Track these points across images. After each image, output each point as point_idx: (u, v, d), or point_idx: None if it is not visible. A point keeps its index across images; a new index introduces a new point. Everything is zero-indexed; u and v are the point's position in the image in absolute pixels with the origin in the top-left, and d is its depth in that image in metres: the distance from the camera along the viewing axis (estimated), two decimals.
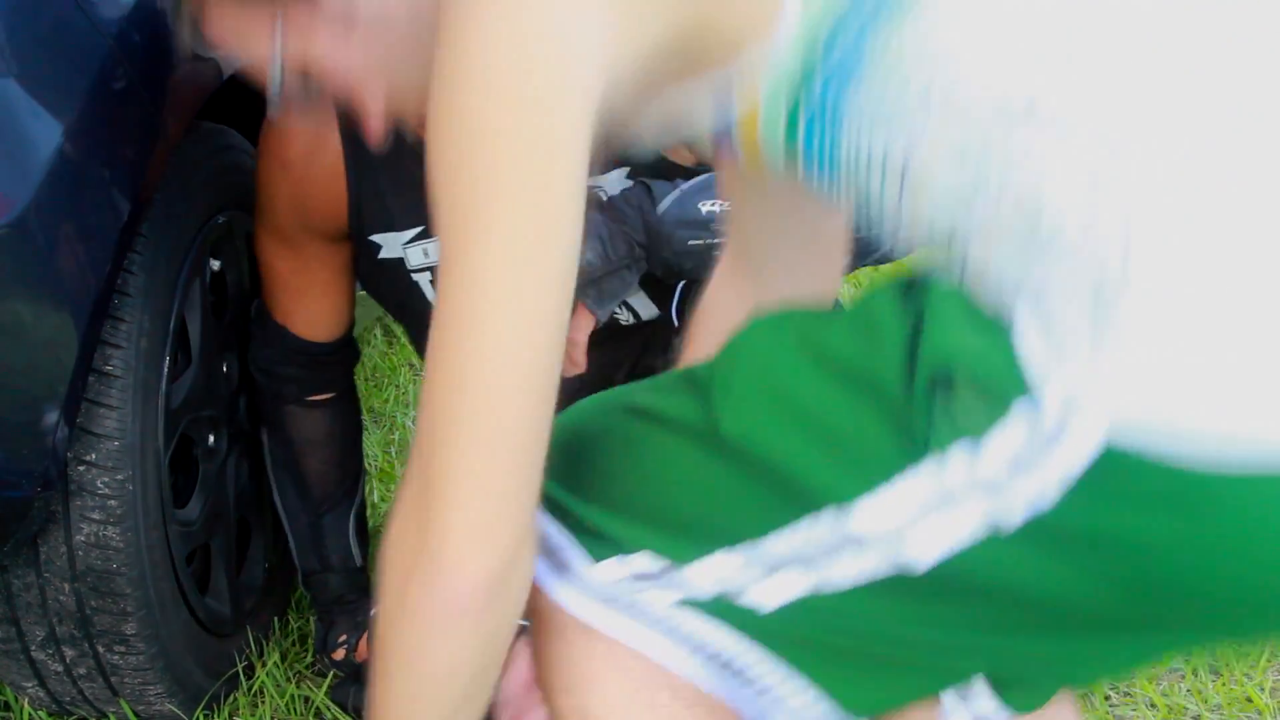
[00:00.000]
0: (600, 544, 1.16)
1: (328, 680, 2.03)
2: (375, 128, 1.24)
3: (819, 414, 1.08)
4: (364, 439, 2.25)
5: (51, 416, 1.54)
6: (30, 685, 1.83)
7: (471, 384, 1.03)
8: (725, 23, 1.07)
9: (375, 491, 2.55)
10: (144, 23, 1.65)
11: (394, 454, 2.76)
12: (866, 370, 1.07)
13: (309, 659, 2.10)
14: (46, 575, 1.69)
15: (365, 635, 2.03)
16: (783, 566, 1.13)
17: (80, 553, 1.68)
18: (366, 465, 2.41)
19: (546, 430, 1.06)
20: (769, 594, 1.14)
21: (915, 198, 1.07)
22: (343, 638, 2.05)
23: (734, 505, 1.13)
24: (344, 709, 1.94)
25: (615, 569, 1.16)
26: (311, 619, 2.16)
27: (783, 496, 1.10)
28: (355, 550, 2.10)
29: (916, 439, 1.03)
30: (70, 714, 1.88)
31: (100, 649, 1.75)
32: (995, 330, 1.02)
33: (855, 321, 1.09)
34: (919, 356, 1.04)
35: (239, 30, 1.23)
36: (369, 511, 2.23)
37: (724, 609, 1.16)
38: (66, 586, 1.69)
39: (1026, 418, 0.98)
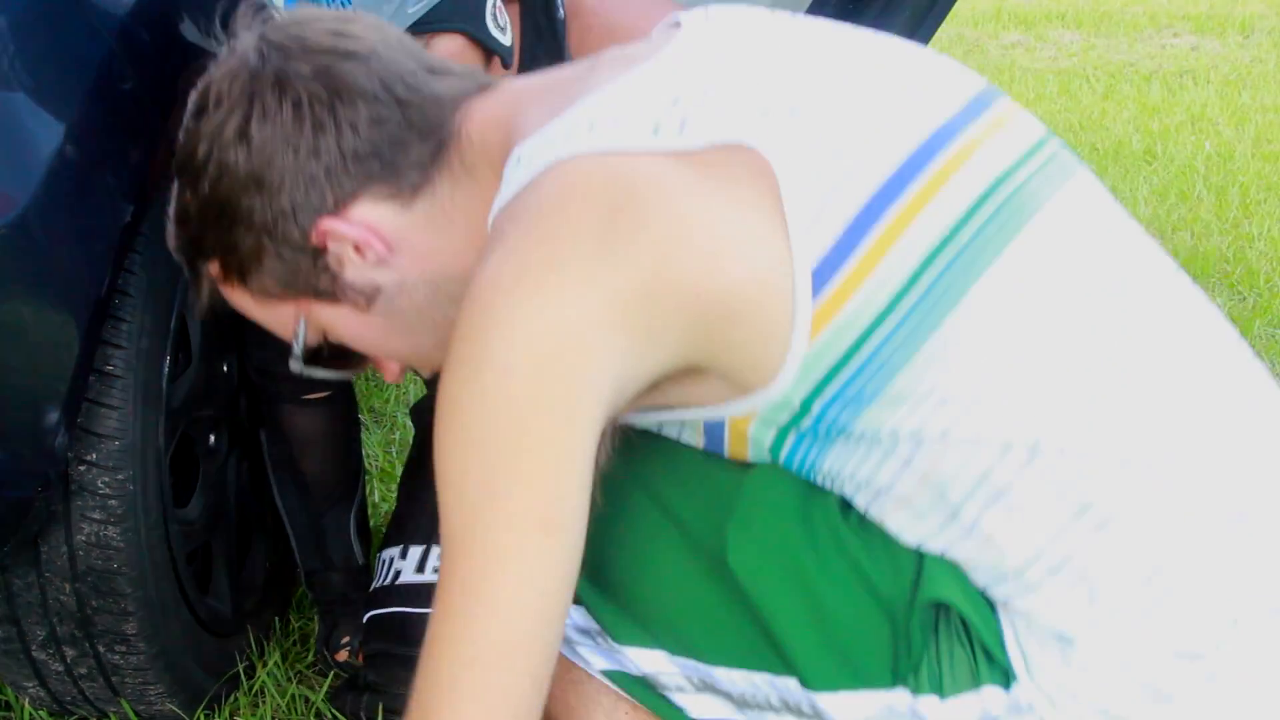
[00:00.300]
0: None
1: (328, 680, 2.03)
2: (392, 376, 1.31)
3: (826, 596, 1.13)
4: (364, 438, 2.25)
5: (52, 416, 1.54)
6: (31, 685, 1.83)
7: (475, 669, 1.06)
8: (729, 362, 1.10)
9: (375, 491, 2.55)
10: (146, 23, 1.65)
11: (394, 454, 2.76)
12: (880, 582, 1.13)
13: (310, 659, 2.10)
14: (47, 575, 1.69)
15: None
16: (718, 694, 1.19)
17: (81, 552, 1.67)
18: (366, 465, 2.41)
19: (543, 695, 1.08)
20: (696, 707, 1.20)
21: (884, 515, 1.14)
22: (345, 639, 2.04)
23: (701, 621, 1.17)
24: (342, 713, 1.94)
25: None
26: (313, 619, 2.16)
27: (755, 642, 1.15)
28: (357, 549, 2.10)
29: (903, 660, 1.12)
30: (71, 714, 1.88)
31: (101, 649, 1.75)
32: (985, 607, 1.13)
33: (878, 535, 1.15)
34: (920, 589, 1.12)
35: (260, 311, 1.28)
36: (369, 511, 2.23)
37: (649, 696, 1.21)
38: (67, 586, 1.69)
39: (999, 698, 1.11)
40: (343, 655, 2.04)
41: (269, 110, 1.18)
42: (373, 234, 1.20)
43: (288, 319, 1.27)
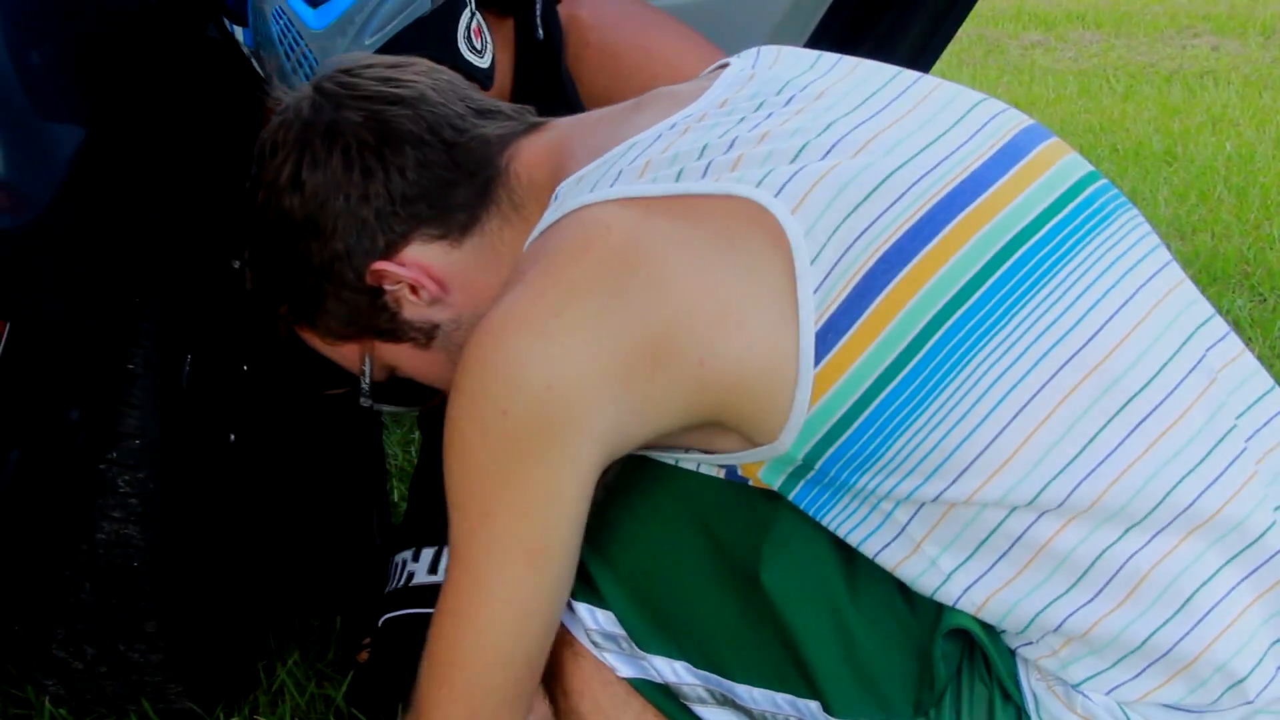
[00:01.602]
0: (581, 588, 1.20)
1: (348, 679, 2.03)
2: None
3: (856, 622, 1.15)
4: (384, 438, 2.25)
5: (72, 415, 1.55)
6: (51, 683, 1.83)
7: (465, 671, 1.15)
8: (734, 421, 1.13)
9: (395, 490, 2.55)
10: (165, 22, 1.66)
11: (413, 453, 2.76)
12: (910, 612, 1.16)
13: (330, 657, 2.10)
14: (67, 573, 1.70)
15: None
16: (738, 710, 1.22)
17: (101, 550, 1.68)
18: (387, 464, 2.41)
19: (527, 695, 1.17)
20: (717, 719, 1.23)
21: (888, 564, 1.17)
22: (366, 639, 2.05)
23: (727, 637, 1.19)
24: (362, 712, 1.94)
25: (585, 615, 1.21)
26: (332, 617, 2.16)
27: (781, 663, 1.18)
28: (378, 547, 2.11)
29: (926, 694, 1.14)
30: (91, 712, 1.89)
31: (121, 647, 1.76)
32: (1004, 646, 1.16)
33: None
34: (944, 617, 1.15)
35: (329, 350, 1.35)
36: (389, 509, 2.23)
37: (670, 705, 1.23)
38: (88, 584, 1.70)
39: None
40: (363, 655, 2.04)
41: (319, 158, 1.23)
42: (425, 274, 1.24)
43: (355, 357, 1.32)
